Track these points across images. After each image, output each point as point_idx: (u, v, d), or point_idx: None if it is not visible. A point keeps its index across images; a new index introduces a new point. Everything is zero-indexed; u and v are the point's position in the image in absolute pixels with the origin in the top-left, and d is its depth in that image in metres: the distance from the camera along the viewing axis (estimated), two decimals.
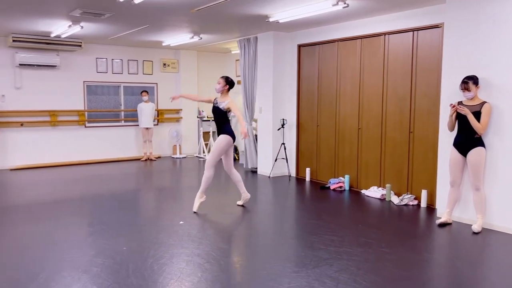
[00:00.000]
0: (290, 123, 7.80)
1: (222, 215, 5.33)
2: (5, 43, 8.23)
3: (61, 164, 8.93)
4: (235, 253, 4.05)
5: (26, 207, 5.59)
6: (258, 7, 5.64)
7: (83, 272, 3.47)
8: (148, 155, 9.76)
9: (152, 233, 4.52)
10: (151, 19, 6.52)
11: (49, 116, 8.82)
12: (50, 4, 5.51)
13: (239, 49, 8.39)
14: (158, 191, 6.69)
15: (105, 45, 9.35)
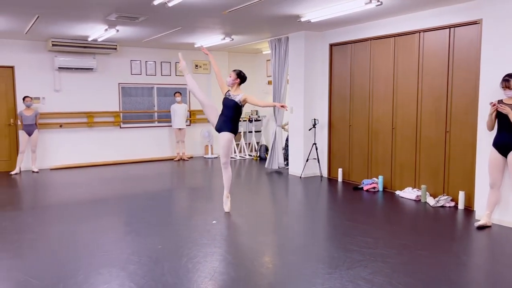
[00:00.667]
0: (321, 123, 7.75)
1: (254, 215, 5.35)
2: (45, 47, 8.56)
3: (98, 164, 9.19)
4: (268, 253, 4.06)
5: (65, 206, 5.79)
6: (289, 7, 5.63)
7: (120, 270, 3.57)
8: (181, 155, 9.91)
9: (186, 232, 4.59)
10: (183, 21, 6.62)
11: (86, 117, 9.10)
12: (88, 9, 5.69)
13: (270, 49, 8.39)
14: (191, 190, 6.78)
15: (139, 48, 9.57)
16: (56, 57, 8.54)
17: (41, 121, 8.57)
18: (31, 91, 8.53)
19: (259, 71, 10.87)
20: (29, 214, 5.37)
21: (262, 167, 8.92)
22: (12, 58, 8.32)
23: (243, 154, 10.40)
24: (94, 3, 5.34)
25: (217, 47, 9.64)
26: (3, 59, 8.26)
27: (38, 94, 8.62)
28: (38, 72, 8.60)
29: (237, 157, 10.17)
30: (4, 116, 8.39)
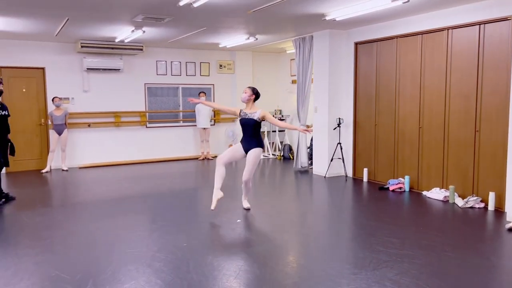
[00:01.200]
0: (346, 122, 7.68)
1: (278, 214, 5.35)
2: (74, 49, 8.78)
3: (124, 163, 9.37)
4: (292, 252, 4.05)
5: (93, 203, 5.93)
6: (314, 6, 5.60)
7: (147, 266, 3.64)
8: (205, 154, 10.00)
9: (210, 230, 4.64)
10: (208, 22, 6.68)
11: (114, 117, 9.29)
12: (115, 11, 5.81)
13: (294, 48, 8.37)
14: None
15: (164, 48, 9.70)
16: (85, 58, 8.76)
17: (70, 120, 8.80)
18: (61, 91, 8.77)
19: (283, 71, 10.86)
20: (59, 211, 5.53)
21: (286, 167, 8.91)
22: (43, 60, 8.58)
23: (266, 153, 10.41)
24: (121, 5, 5.45)
25: (240, 47, 9.67)
26: (34, 61, 8.53)
27: (67, 95, 8.85)
28: (67, 73, 8.83)
29: (261, 156, 10.17)
30: (36, 116, 8.65)
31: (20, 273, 3.52)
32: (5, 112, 5.86)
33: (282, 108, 10.83)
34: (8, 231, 4.72)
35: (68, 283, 3.32)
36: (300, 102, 8.27)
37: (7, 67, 8.31)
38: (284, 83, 10.79)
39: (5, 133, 5.85)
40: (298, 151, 8.38)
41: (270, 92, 11.00)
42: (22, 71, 8.45)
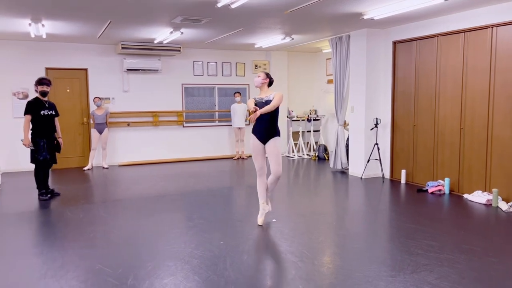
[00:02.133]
0: (384, 123, 7.55)
1: (313, 214, 5.34)
2: (115, 50, 9.07)
3: (162, 161, 9.60)
4: (329, 253, 4.03)
5: (133, 200, 6.11)
6: (352, 5, 5.55)
7: (185, 263, 3.72)
8: (240, 153, 10.08)
9: (246, 229, 4.68)
10: (245, 22, 6.74)
11: (152, 116, 9.53)
12: (155, 13, 5.96)
13: (331, 48, 8.31)
14: (250, 188, 6.89)
15: (201, 49, 9.86)
16: (125, 60, 9.02)
17: (111, 120, 9.10)
18: (102, 91, 9.08)
19: (319, 70, 10.79)
20: (101, 207, 5.73)
21: (321, 167, 8.85)
22: (86, 61, 8.91)
23: (301, 153, 10.38)
24: (161, 7, 5.59)
25: (276, 47, 9.69)
26: (78, 62, 8.87)
27: (108, 95, 9.15)
28: (108, 73, 9.14)
29: (295, 157, 10.16)
30: (78, 115, 9.00)
31: (66, 265, 3.68)
32: (52, 111, 6.10)
33: (317, 108, 10.77)
34: (54, 225, 4.94)
35: (111, 276, 3.45)
36: (338, 102, 8.20)
37: (53, 68, 8.69)
38: (320, 83, 10.73)
39: (52, 131, 6.12)
40: (337, 151, 8.30)
41: (305, 92, 10.97)
42: (66, 72, 8.81)
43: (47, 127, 6.01)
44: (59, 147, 6.26)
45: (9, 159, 8.44)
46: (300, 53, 10.76)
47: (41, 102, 5.99)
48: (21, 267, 3.68)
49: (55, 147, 6.17)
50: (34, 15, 6.06)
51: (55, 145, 6.15)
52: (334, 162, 8.39)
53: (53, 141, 6.12)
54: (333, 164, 8.39)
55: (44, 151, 5.96)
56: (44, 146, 5.95)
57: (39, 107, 5.95)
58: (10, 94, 8.42)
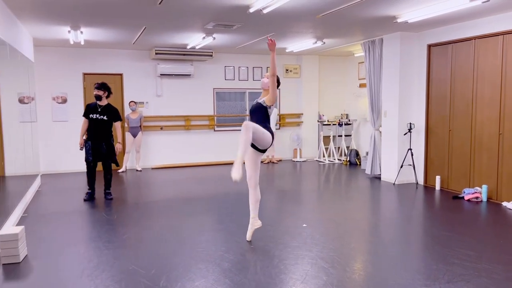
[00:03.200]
0: (417, 128, 7.38)
1: (344, 220, 5.27)
2: (149, 56, 9.28)
3: (194, 164, 9.73)
4: (361, 260, 3.97)
5: (165, 202, 6.22)
6: (385, 8, 5.47)
7: (216, 266, 3.75)
8: (270, 158, 10.09)
9: (276, 233, 4.68)
10: (276, 27, 6.76)
11: (184, 120, 9.68)
12: (189, 19, 6.07)
13: (363, 51, 8.21)
14: (280, 193, 6.88)
15: (232, 54, 9.95)
16: (159, 65, 9.22)
17: (145, 123, 9.30)
18: (137, 96, 9.30)
19: (351, 74, 10.67)
20: (134, 208, 5.87)
21: (352, 172, 8.74)
22: (121, 66, 9.16)
23: (332, 158, 10.28)
24: (194, 13, 5.68)
25: (307, 51, 9.66)
26: (114, 67, 9.13)
27: (142, 99, 9.37)
28: (142, 78, 9.36)
29: (326, 162, 10.07)
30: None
31: (102, 265, 3.79)
32: (103, 116, 6.13)
33: (348, 112, 10.65)
34: (90, 226, 5.09)
35: (144, 277, 3.52)
36: (372, 106, 8.08)
37: (90, 74, 8.97)
38: (352, 87, 10.61)
39: (100, 135, 6.11)
40: (374, 156, 8.12)
41: (336, 96, 10.88)
42: (102, 77, 9.06)
43: (94, 130, 6.11)
44: (108, 152, 6.16)
45: (48, 161, 8.76)
46: (331, 57, 10.69)
47: (94, 106, 6.16)
48: (59, 265, 3.81)
49: (102, 151, 6.13)
50: (74, 23, 6.29)
51: (102, 148, 6.13)
52: (371, 168, 8.17)
53: (100, 145, 6.12)
54: (371, 170, 8.17)
55: (88, 153, 6.12)
56: (88, 148, 6.11)
57: (90, 111, 6.14)
58: (50, 99, 8.75)
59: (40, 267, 3.78)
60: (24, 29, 6.64)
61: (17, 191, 5.49)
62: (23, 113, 6.14)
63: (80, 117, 8.73)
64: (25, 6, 5.31)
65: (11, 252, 3.81)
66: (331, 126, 10.33)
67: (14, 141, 5.29)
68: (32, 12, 5.63)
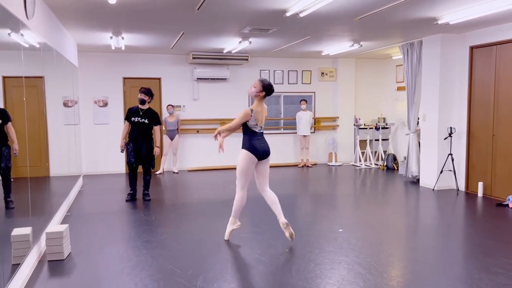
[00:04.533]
0: (458, 132, 7.15)
1: (382, 226, 5.17)
2: (186, 60, 9.47)
3: (229, 167, 9.81)
4: (399, 266, 3.89)
5: (201, 204, 6.31)
6: (425, 10, 5.35)
7: (251, 268, 3.77)
8: (305, 161, 10.04)
9: (312, 238, 4.65)
10: (313, 30, 6.74)
11: (220, 124, 9.79)
12: (226, 24, 6.16)
13: (402, 54, 8.05)
14: (315, 197, 6.83)
15: (268, 58, 9.99)
16: (195, 69, 9.38)
17: (182, 127, 9.48)
18: (174, 100, 9.50)
19: (388, 77, 10.48)
20: (171, 210, 5.98)
21: (390, 177, 8.57)
22: (159, 71, 9.38)
23: (368, 163, 10.11)
24: (231, 18, 5.76)
25: (344, 54, 9.57)
26: (152, 72, 9.36)
27: (179, 103, 9.56)
28: (180, 82, 9.55)
29: (362, 166, 9.92)
30: None
31: (140, 264, 3.89)
32: (145, 120, 6.27)
33: (386, 116, 10.45)
34: (129, 226, 5.24)
35: (181, 277, 3.59)
36: (409, 109, 7.91)
37: (129, 78, 9.25)
38: (389, 90, 10.41)
39: (141, 138, 6.26)
40: (408, 160, 7.96)
41: (373, 99, 10.70)
42: (141, 81, 9.33)
43: (135, 133, 6.28)
44: (148, 154, 6.29)
45: (90, 163, 9.08)
46: (368, 60, 10.53)
47: (136, 110, 6.34)
48: (100, 263, 3.94)
49: (143, 152, 6.27)
50: (115, 29, 6.52)
51: (143, 150, 6.27)
52: (406, 171, 8.09)
53: (141, 147, 6.28)
54: (406, 173, 8.13)
55: (130, 155, 6.31)
56: (130, 150, 6.30)
57: (132, 114, 6.32)
58: (92, 102, 9.08)
59: (83, 264, 3.92)
60: (69, 36, 6.94)
61: (61, 191, 5.73)
62: (67, 116, 6.40)
63: (120, 120, 9.06)
64: (71, 15, 5.55)
65: (56, 249, 3.98)
66: (367, 130, 10.17)
67: (58, 143, 5.52)
68: (77, 20, 5.87)
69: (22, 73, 4.01)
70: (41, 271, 3.74)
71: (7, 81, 3.72)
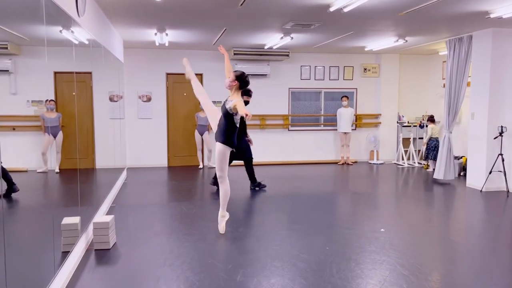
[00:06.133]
0: (510, 131, 6.81)
1: (426, 227, 5.02)
2: None
3: (268, 163, 9.82)
4: (444, 269, 3.76)
5: (241, 199, 6.35)
6: (476, 3, 5.11)
7: (291, 265, 3.76)
8: (345, 159, 9.88)
9: (352, 236, 4.58)
10: (356, 26, 6.61)
11: (259, 120, 9.81)
12: (268, 20, 6.15)
13: (448, 49, 7.74)
14: (355, 195, 6.72)
15: (309, 53, 9.89)
16: (236, 65, 9.42)
17: None
18: (215, 96, 9.56)
19: (434, 74, 10.12)
20: (213, 203, 6.06)
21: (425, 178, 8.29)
22: (201, 67, 9.49)
23: (411, 161, 9.83)
24: (274, 14, 5.74)
25: (387, 50, 9.32)
26: (194, 68, 9.23)
27: (220, 99, 9.62)
28: (221, 78, 9.60)
29: (405, 165, 9.65)
30: (193, 118, 9.57)
31: (182, 256, 3.96)
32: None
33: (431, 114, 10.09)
34: (171, 218, 5.36)
35: (221, 271, 3.63)
36: (449, 107, 7.59)
37: (172, 74, 9.43)
38: (434, 87, 10.05)
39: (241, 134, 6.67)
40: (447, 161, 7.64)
41: (418, 96, 10.38)
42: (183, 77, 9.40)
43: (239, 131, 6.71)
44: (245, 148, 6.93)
45: (134, 156, 9.34)
46: (413, 56, 10.21)
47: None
48: (144, 253, 4.05)
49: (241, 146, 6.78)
50: (160, 26, 6.66)
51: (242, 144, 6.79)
52: (444, 173, 7.58)
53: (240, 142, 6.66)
54: (443, 175, 7.58)
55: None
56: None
57: None
58: (136, 97, 9.33)
59: (127, 254, 4.05)
60: (116, 32, 7.15)
61: (107, 182, 5.94)
62: (113, 110, 6.62)
63: (163, 115, 9.25)
64: (119, 12, 5.72)
65: (103, 239, 4.13)
66: (411, 127, 9.88)
67: (104, 136, 5.72)
68: (124, 17, 6.04)
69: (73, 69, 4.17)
70: (88, 260, 3.89)
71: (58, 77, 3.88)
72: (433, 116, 9.00)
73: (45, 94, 3.45)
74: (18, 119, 3.27)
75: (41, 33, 3.25)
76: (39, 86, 3.41)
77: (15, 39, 2.94)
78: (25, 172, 3.17)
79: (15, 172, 3.00)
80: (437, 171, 7.71)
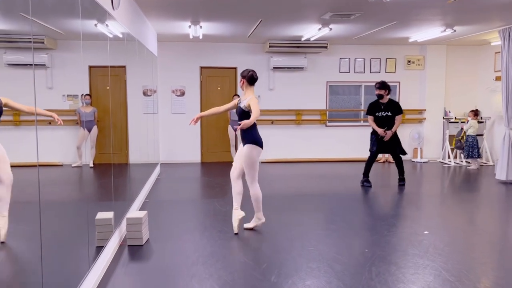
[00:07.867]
0: None
1: (475, 231, 4.68)
2: (262, 49, 9.35)
3: (303, 160, 9.59)
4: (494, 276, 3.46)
5: (274, 197, 6.18)
6: None
7: (328, 267, 3.56)
8: (387, 157, 9.48)
9: (393, 239, 4.31)
10: (400, 15, 6.27)
11: (295, 115, 9.58)
12: (305, 10, 5.92)
13: (501, 39, 7.21)
14: (397, 195, 6.40)
15: (348, 45, 9.54)
16: (272, 58, 9.24)
17: None
18: None
19: (485, 66, 9.50)
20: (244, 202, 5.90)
21: (483, 176, 7.80)
22: (235, 60, 9.35)
23: (458, 160, 9.30)
24: (312, 4, 5.52)
25: (433, 41, 8.84)
26: (228, 61, 9.36)
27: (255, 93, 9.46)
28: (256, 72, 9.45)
29: (451, 164, 9.12)
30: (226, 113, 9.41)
31: (215, 254, 3.85)
32: (388, 112, 6.69)
33: (481, 109, 9.49)
34: (204, 215, 5.28)
35: (255, 270, 3.49)
36: (507, 101, 7.06)
37: (206, 67, 9.36)
38: (486, 80, 9.44)
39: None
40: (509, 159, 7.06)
41: (466, 90, 9.80)
42: (217, 70, 9.38)
43: (380, 126, 6.70)
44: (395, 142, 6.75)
45: (167, 152, 9.35)
46: (462, 47, 9.63)
47: (376, 104, 6.75)
48: (177, 250, 3.98)
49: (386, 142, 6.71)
50: (194, 18, 6.57)
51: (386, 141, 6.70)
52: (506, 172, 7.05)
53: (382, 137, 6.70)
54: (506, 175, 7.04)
55: (373, 144, 6.75)
56: (374, 140, 6.75)
57: (374, 109, 6.76)
58: (170, 92, 9.33)
59: (160, 250, 3.98)
60: (150, 26, 7.14)
61: (140, 178, 5.93)
62: (147, 104, 6.61)
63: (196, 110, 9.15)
64: (153, 4, 5.67)
65: (136, 234, 4.08)
66: (459, 124, 9.34)
67: (137, 131, 5.70)
68: (158, 10, 5.99)
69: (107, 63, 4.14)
70: (122, 255, 3.85)
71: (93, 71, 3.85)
72: (477, 110, 8.47)
73: (80, 89, 3.43)
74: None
75: (76, 27, 3.22)
76: (74, 81, 3.39)
77: (51, 33, 2.91)
78: (60, 166, 3.15)
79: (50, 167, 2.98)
80: (499, 171, 7.17)
